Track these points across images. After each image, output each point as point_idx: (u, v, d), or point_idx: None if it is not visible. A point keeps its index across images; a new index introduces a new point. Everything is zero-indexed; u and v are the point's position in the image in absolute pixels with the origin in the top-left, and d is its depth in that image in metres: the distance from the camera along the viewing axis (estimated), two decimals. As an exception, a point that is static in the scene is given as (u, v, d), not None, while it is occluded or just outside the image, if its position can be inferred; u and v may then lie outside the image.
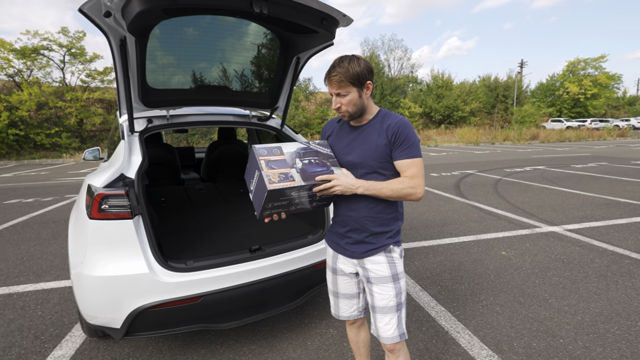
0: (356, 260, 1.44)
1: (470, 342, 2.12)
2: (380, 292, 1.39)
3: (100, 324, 1.78)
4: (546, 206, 5.34)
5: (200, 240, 2.35)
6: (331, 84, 1.32)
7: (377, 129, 1.36)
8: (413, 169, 1.32)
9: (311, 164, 1.34)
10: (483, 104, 33.04)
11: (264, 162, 1.30)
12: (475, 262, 3.33)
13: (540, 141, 22.46)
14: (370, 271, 1.41)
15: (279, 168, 1.29)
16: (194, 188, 3.60)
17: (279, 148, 1.36)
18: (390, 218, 1.40)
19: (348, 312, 1.57)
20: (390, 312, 1.39)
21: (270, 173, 1.27)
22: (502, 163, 11.08)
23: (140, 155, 1.99)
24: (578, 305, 2.52)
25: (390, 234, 1.40)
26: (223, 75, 2.44)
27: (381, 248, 1.39)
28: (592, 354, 1.99)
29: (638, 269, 3.07)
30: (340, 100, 1.33)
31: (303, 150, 1.38)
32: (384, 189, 1.31)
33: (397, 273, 1.39)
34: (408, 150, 1.32)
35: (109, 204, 1.70)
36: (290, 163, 1.32)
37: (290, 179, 1.27)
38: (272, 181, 1.25)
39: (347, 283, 1.53)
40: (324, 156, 1.38)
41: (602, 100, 36.87)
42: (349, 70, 1.28)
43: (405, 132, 1.32)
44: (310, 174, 1.31)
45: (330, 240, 1.55)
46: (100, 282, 1.69)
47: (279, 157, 1.33)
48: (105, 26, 1.68)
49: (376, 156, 1.34)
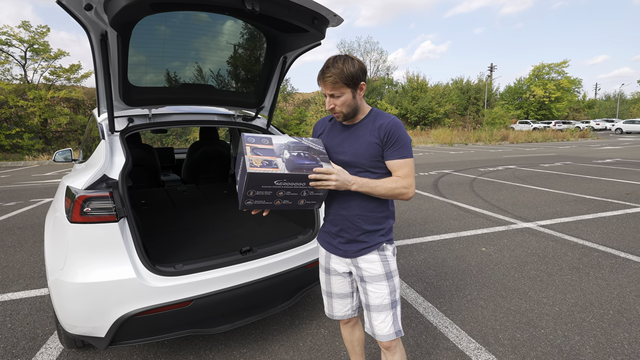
0: (349, 259, 1.44)
1: (459, 336, 2.18)
2: (375, 291, 1.39)
3: (82, 334, 1.68)
4: (519, 203, 5.58)
5: (188, 243, 2.28)
6: (325, 85, 1.29)
7: (369, 129, 1.36)
8: (405, 169, 1.33)
9: (300, 157, 1.28)
10: (456, 105, 34.22)
11: (249, 148, 1.24)
12: (457, 258, 3.43)
13: (510, 142, 23.49)
14: (363, 270, 1.41)
15: (264, 155, 1.23)
16: (175, 190, 3.49)
17: (269, 138, 1.31)
18: (381, 216, 1.40)
19: (342, 312, 1.57)
20: (385, 310, 1.39)
21: (253, 158, 1.21)
22: (476, 163, 11.49)
23: (124, 156, 1.90)
24: (555, 296, 2.65)
25: (382, 232, 1.41)
26: (208, 73, 2.38)
27: (374, 246, 1.39)
28: (571, 342, 2.10)
29: (606, 261, 3.27)
30: (334, 102, 1.31)
31: (294, 143, 1.32)
32: (378, 187, 1.31)
33: (390, 271, 1.40)
34: (400, 150, 1.33)
35: (92, 206, 1.61)
36: (278, 153, 1.26)
37: (273, 166, 1.21)
38: (253, 165, 1.19)
39: (341, 283, 1.53)
40: (315, 152, 1.32)
41: (565, 103, 39.14)
42: (344, 71, 1.26)
43: (397, 133, 1.32)
44: (297, 165, 1.24)
45: (323, 240, 1.53)
46: (83, 289, 1.60)
47: (266, 146, 1.27)
48: (85, 20, 1.59)
49: (368, 155, 1.34)
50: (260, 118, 2.89)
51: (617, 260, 3.27)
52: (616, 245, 3.67)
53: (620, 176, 8.03)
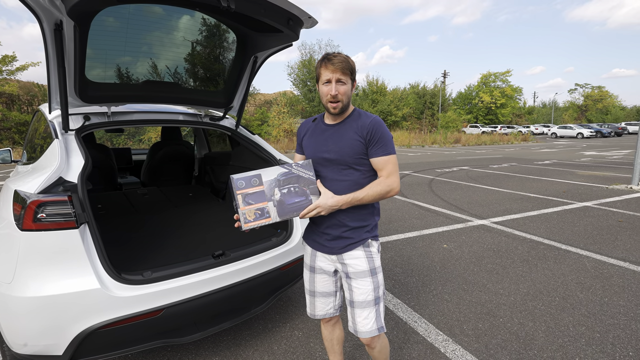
0: (335, 256, 1.46)
1: (427, 330, 2.28)
2: (359, 287, 1.43)
3: (34, 353, 1.52)
4: (474, 202, 5.97)
5: (155, 249, 2.15)
6: (335, 68, 1.31)
7: (353, 127, 1.40)
8: (389, 166, 1.39)
9: (290, 193, 1.35)
10: (413, 109, 35.76)
11: (240, 197, 1.32)
12: (422, 255, 3.58)
13: (462, 144, 25.03)
14: (349, 266, 1.44)
15: (256, 202, 1.33)
16: (135, 193, 3.28)
17: (259, 177, 1.34)
18: (366, 213, 1.45)
19: (324, 311, 1.59)
20: (369, 306, 1.43)
21: (246, 211, 1.32)
22: (433, 164, 12.10)
23: (82, 157, 1.76)
24: (510, 287, 2.87)
25: (367, 228, 1.45)
26: (174, 71, 2.28)
27: (359, 242, 1.43)
28: (525, 329, 2.28)
29: (550, 253, 3.61)
30: (338, 88, 1.34)
31: (284, 176, 1.36)
32: (366, 196, 1.36)
33: (375, 267, 1.44)
34: (383, 147, 1.38)
35: (47, 212, 1.47)
36: (269, 195, 1.34)
37: (266, 216, 1.34)
38: (247, 220, 1.33)
39: (325, 281, 1.54)
40: (305, 182, 1.37)
41: (509, 109, 42.54)
42: (348, 61, 1.34)
43: (380, 131, 1.38)
44: (288, 206, 1.35)
45: (309, 238, 1.55)
46: (36, 303, 1.44)
47: (257, 189, 1.33)
48: (37, 7, 1.45)
49: (352, 153, 1.38)
50: (228, 118, 2.81)
51: (560, 252, 3.62)
52: (558, 238, 4.05)
53: (558, 176, 8.89)
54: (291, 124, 25.38)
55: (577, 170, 10.05)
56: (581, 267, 3.25)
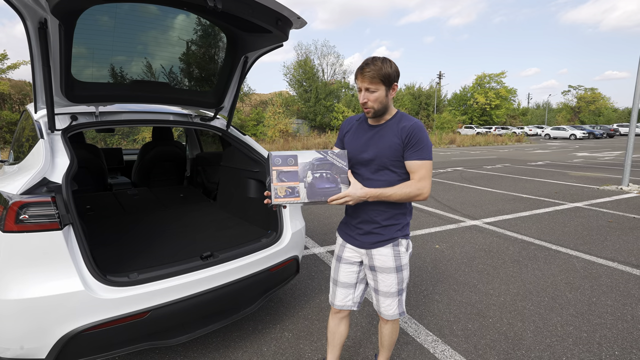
0: (364, 250, 1.54)
1: (417, 330, 2.29)
2: (384, 280, 1.52)
3: (17, 357, 1.50)
4: (467, 203, 6.01)
5: (143, 250, 2.13)
6: (363, 79, 1.37)
7: (394, 130, 1.44)
8: (422, 171, 1.41)
9: (322, 178, 1.38)
10: (409, 110, 35.89)
11: (275, 173, 1.37)
12: (414, 256, 3.59)
13: (457, 145, 25.17)
14: (375, 260, 1.52)
15: (289, 181, 1.37)
16: (125, 193, 3.25)
17: (295, 157, 1.38)
18: (398, 213, 1.49)
19: (342, 302, 1.64)
20: (392, 296, 1.53)
21: (278, 187, 1.36)
22: (427, 165, 12.14)
23: (67, 157, 1.74)
24: (500, 288, 2.88)
25: (398, 227, 1.50)
26: (163, 71, 2.26)
27: (389, 240, 1.49)
28: (514, 329, 2.30)
29: (541, 253, 3.63)
30: (368, 96, 1.39)
31: (318, 161, 1.39)
32: (394, 194, 1.40)
33: (401, 265, 1.51)
34: (419, 152, 1.41)
35: (30, 213, 1.45)
36: (302, 176, 1.37)
37: (295, 195, 1.37)
38: (277, 196, 1.37)
39: (348, 272, 1.61)
40: (337, 170, 1.40)
41: (503, 110, 42.88)
42: (382, 69, 1.35)
43: (418, 135, 1.41)
44: (318, 190, 1.38)
45: (342, 230, 1.65)
46: (19, 306, 1.42)
47: (291, 169, 1.38)
48: (21, 5, 1.43)
49: (390, 155, 1.43)
50: (219, 119, 2.80)
51: (550, 252, 3.65)
52: (548, 238, 4.09)
53: (550, 177, 8.97)
54: (287, 125, 25.35)
55: (569, 171, 10.15)
56: (571, 267, 3.28)
